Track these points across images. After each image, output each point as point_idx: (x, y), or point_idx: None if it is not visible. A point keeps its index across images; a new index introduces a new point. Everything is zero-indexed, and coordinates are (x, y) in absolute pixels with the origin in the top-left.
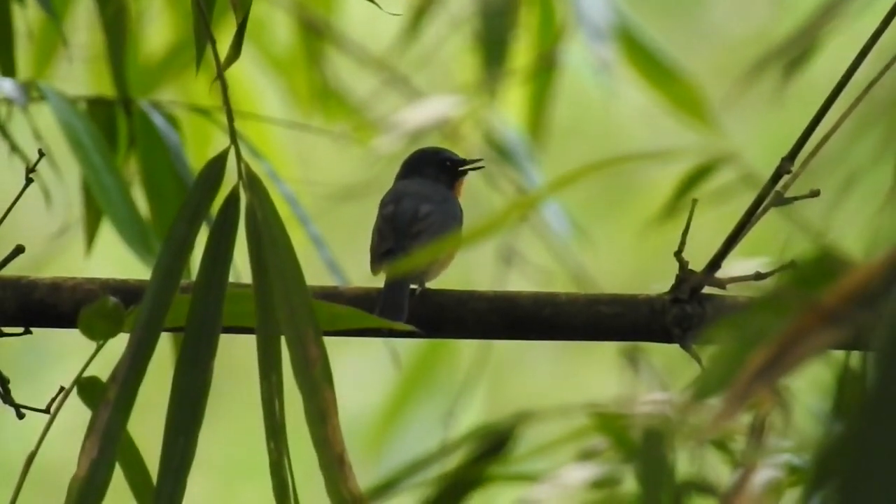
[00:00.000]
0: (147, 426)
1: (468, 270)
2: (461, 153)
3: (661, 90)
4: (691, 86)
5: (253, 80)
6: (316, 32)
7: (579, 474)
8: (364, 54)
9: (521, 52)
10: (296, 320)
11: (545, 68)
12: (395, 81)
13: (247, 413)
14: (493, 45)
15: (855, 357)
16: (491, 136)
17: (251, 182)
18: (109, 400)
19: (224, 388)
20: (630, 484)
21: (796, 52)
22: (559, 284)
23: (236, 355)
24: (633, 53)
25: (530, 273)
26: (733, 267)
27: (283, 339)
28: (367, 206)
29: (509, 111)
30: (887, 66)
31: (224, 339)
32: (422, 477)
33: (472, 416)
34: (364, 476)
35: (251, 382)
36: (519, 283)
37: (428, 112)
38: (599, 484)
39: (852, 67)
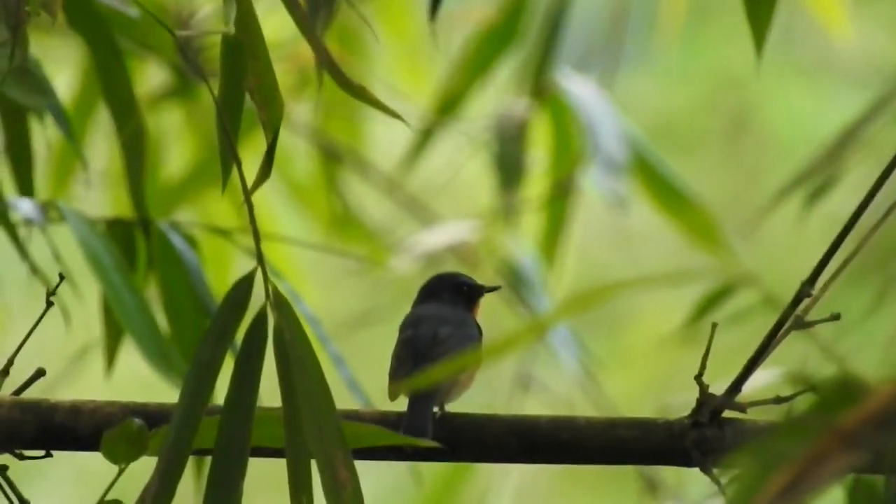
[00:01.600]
0: None
1: (486, 397)
2: (477, 278)
3: (677, 218)
4: (707, 214)
5: (273, 205)
6: (335, 158)
7: None
8: (383, 179)
9: (538, 178)
10: (325, 441)
11: (561, 194)
12: (413, 206)
13: None
14: (508, 170)
15: (876, 480)
16: (506, 261)
17: (278, 303)
18: None
19: None
20: None
21: (820, 180)
22: (577, 410)
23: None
24: (648, 179)
25: (548, 399)
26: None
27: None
28: (383, 330)
29: (525, 236)
30: None
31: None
32: None
33: None
34: None
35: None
36: (536, 409)
37: (444, 236)
38: None
39: (872, 192)
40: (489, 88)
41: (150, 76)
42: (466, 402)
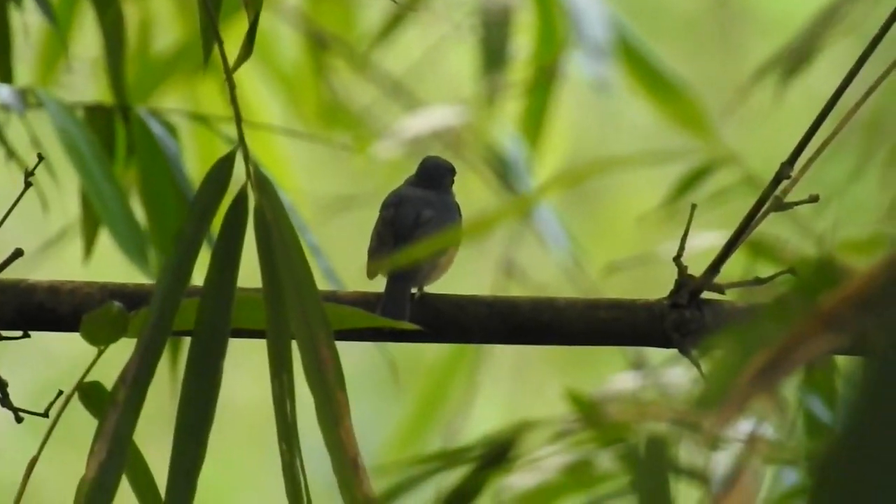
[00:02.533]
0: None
1: (470, 284)
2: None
3: (662, 103)
4: (692, 98)
5: (259, 96)
6: (322, 45)
7: (555, 460)
8: (369, 67)
9: (523, 64)
10: (307, 322)
11: (545, 80)
12: (397, 92)
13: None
14: (493, 54)
15: (855, 363)
16: (491, 146)
17: (259, 182)
18: (118, 402)
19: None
20: (604, 465)
21: (795, 59)
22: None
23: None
24: (633, 66)
25: (532, 286)
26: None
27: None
28: (366, 216)
29: (509, 121)
30: (884, 75)
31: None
32: (432, 484)
33: (487, 424)
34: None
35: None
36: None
37: (429, 121)
38: (575, 467)
39: (853, 71)
40: None
41: None
42: (449, 288)
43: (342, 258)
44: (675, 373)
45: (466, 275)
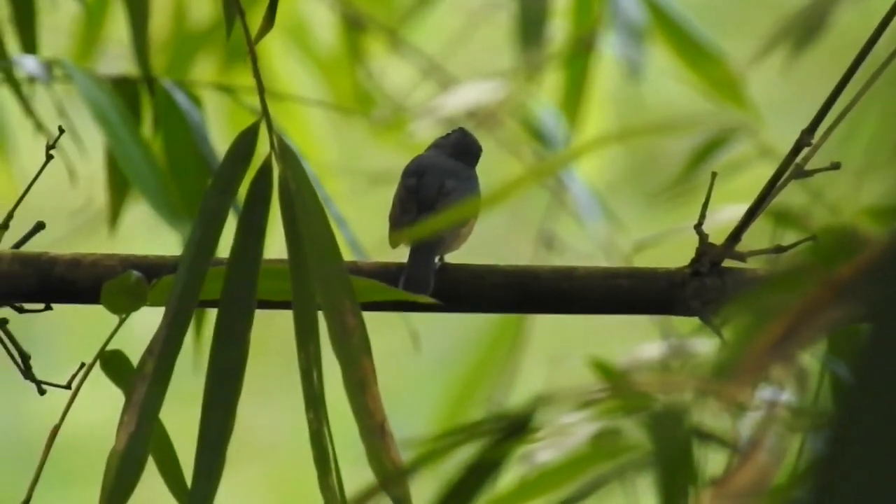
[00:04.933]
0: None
1: (508, 258)
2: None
3: (697, 72)
4: (727, 67)
5: (292, 73)
6: (357, 26)
7: (581, 430)
8: (403, 45)
9: (559, 37)
10: (332, 290)
11: (582, 53)
12: (432, 70)
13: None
14: (530, 29)
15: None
16: (528, 122)
17: (283, 152)
18: (146, 373)
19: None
20: (630, 435)
21: (813, 20)
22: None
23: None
24: (669, 36)
25: (570, 259)
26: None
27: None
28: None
29: (546, 96)
30: None
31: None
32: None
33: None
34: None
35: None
36: None
37: (464, 98)
38: (600, 436)
39: (874, 36)
40: None
41: None
42: (486, 261)
43: (365, 230)
44: (701, 342)
45: (506, 249)
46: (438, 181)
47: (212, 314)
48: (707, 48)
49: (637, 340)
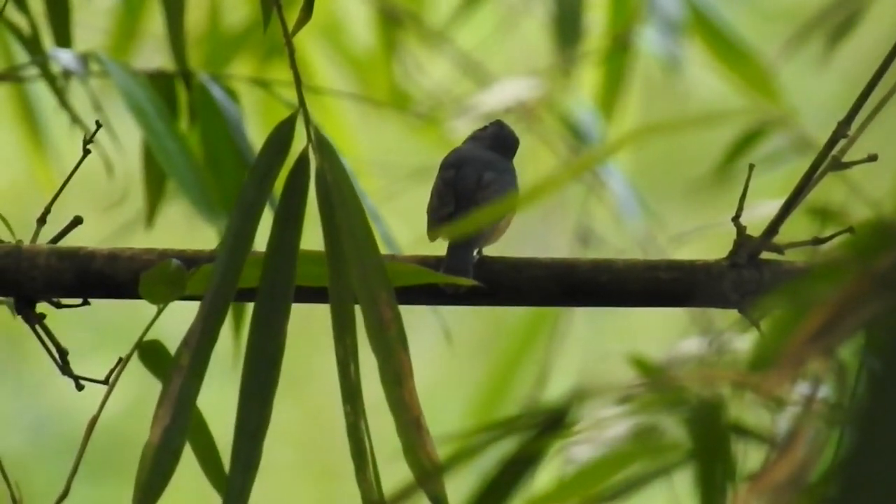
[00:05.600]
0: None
1: (544, 254)
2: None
3: (733, 70)
4: (762, 65)
5: (330, 77)
6: (395, 22)
7: (619, 425)
8: (442, 42)
9: (596, 33)
10: (369, 282)
11: (619, 50)
12: (470, 67)
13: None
14: (567, 26)
15: None
16: (565, 118)
17: (321, 144)
18: (182, 366)
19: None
20: (668, 432)
21: (843, 16)
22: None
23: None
24: (705, 33)
25: (607, 254)
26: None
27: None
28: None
29: (584, 93)
30: None
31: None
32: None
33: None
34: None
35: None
36: None
37: (502, 95)
38: (639, 433)
39: None
40: None
41: None
42: (523, 255)
43: (398, 230)
44: (739, 337)
45: (542, 245)
46: (477, 173)
47: (251, 310)
48: (741, 43)
49: (673, 337)
